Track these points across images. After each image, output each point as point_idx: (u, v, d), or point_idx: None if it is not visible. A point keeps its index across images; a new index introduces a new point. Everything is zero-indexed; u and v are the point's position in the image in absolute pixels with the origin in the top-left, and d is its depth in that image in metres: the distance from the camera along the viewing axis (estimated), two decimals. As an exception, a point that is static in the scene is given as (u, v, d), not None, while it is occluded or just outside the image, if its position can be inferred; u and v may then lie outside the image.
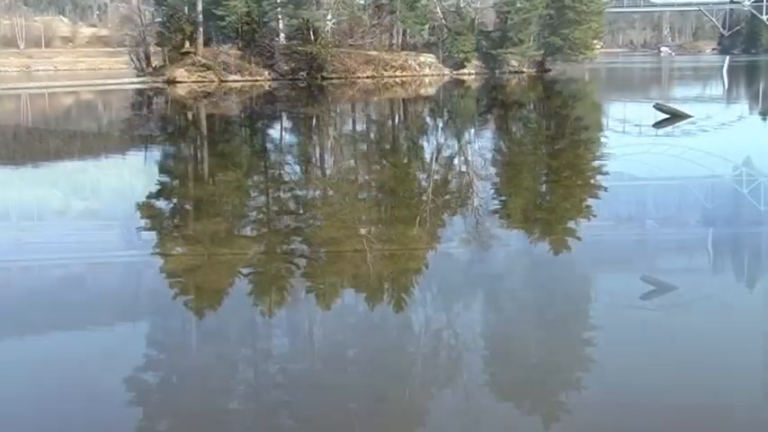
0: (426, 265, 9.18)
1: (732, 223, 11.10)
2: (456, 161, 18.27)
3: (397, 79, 52.05)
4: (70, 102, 44.32)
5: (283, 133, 26.21)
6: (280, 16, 51.21)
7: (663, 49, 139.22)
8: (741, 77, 58.54)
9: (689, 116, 24.46)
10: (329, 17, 49.43)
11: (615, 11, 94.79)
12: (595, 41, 62.95)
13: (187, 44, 50.34)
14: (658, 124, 23.44)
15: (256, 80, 49.43)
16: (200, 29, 49.36)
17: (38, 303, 8.00)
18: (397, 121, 30.71)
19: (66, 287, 8.65)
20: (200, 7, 49.01)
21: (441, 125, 27.99)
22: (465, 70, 55.68)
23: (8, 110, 39.16)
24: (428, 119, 31.38)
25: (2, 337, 7.09)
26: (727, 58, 68.72)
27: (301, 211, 12.27)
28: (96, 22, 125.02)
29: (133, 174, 17.34)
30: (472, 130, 26.11)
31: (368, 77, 51.80)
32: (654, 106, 25.53)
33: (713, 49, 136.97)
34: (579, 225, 10.86)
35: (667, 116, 24.49)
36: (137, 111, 38.73)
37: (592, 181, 14.57)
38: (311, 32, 49.58)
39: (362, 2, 54.26)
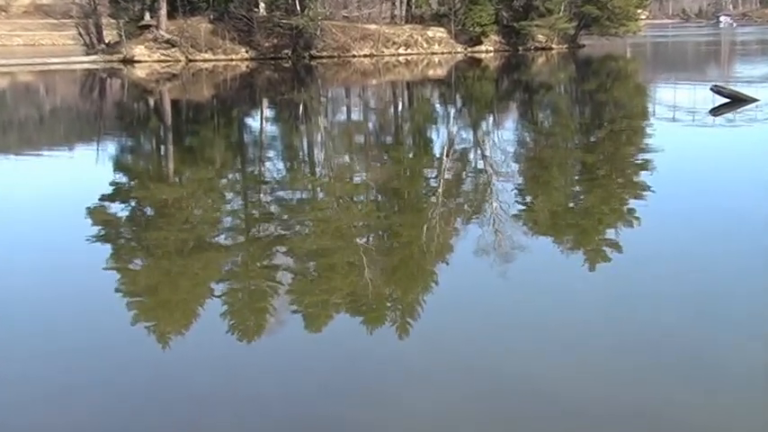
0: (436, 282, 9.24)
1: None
2: (471, 157, 18.34)
3: (401, 58, 52.15)
4: (4, 84, 44.42)
5: (264, 124, 26.27)
6: (259, -18, 51.40)
7: (722, 18, 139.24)
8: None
9: (754, 100, 24.50)
10: (319, -17, 49.61)
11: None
12: (639, 11, 63.11)
13: (147, 16, 50.44)
14: (716, 110, 23.48)
15: (231, 59, 49.53)
16: (164, -3, 49.45)
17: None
18: (400, 109, 30.76)
19: None
20: (162, -29, 49.10)
21: (453, 114, 28.06)
22: (482, 47, 55.79)
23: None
24: (438, 106, 31.46)
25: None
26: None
27: (285, 216, 12.34)
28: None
29: (83, 172, 17.41)
30: (491, 120, 26.18)
31: (365, 56, 51.90)
32: (711, 89, 25.57)
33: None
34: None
35: (727, 100, 24.53)
36: (87, 96, 38.83)
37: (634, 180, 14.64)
38: (297, 2, 49.71)
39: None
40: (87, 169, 17.84)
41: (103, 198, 13.83)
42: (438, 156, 18.17)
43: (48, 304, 8.76)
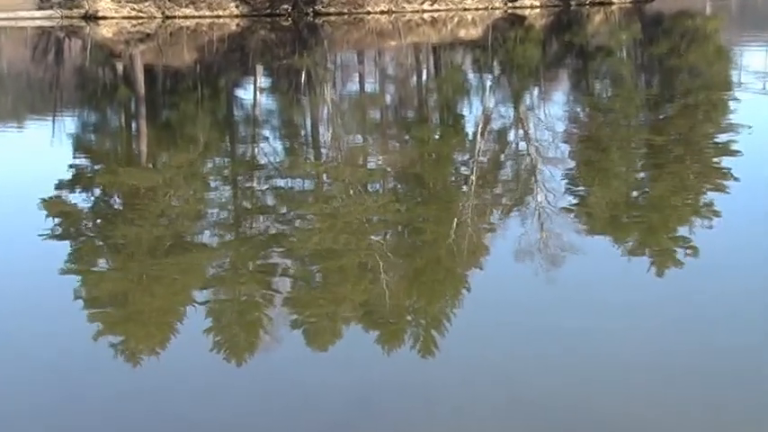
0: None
1: None
2: (511, 137, 18.32)
3: (425, 15, 52.06)
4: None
5: (258, 96, 26.32)
6: None
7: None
8: None
9: None
10: None
11: None
12: (722, -42, 62.75)
13: (115, -37, 50.66)
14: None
15: (218, 16, 49.61)
16: (135, -60, 49.61)
17: None
18: (424, 77, 30.73)
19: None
20: None
21: (489, 84, 28.01)
22: (525, 2, 55.65)
23: None
24: (471, 75, 31.39)
25: None
26: None
27: (283, 209, 12.37)
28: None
29: (36, 153, 17.50)
30: (536, 92, 26.10)
31: (382, 13, 51.85)
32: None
33: None
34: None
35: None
36: (40, 60, 38.99)
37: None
38: (298, -54, 49.73)
39: None
40: (41, 150, 17.94)
41: (61, 185, 13.90)
42: (471, 136, 18.16)
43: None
